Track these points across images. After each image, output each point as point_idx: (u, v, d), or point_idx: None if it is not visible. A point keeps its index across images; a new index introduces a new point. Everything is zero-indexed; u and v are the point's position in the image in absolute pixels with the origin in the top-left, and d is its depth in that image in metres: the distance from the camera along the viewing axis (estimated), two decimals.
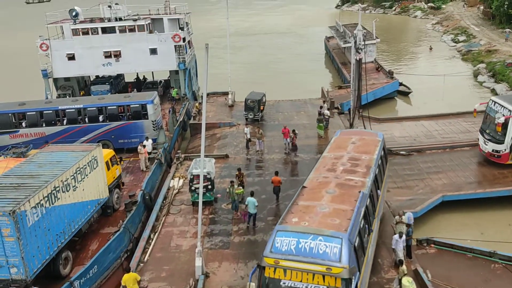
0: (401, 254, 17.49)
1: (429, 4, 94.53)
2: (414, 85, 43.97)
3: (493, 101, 25.74)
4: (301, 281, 12.61)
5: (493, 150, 25.07)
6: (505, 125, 24.21)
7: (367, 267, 15.14)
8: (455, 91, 42.22)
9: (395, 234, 18.32)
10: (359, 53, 28.70)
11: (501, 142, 24.57)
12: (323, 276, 12.41)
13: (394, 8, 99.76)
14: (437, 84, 43.41)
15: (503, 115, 24.27)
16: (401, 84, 43.32)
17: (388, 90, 41.44)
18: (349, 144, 19.91)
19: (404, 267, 16.24)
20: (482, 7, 75.67)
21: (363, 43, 28.46)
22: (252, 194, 21.32)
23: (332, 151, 19.70)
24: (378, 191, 18.22)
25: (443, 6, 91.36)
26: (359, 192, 15.65)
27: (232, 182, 22.20)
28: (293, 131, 29.56)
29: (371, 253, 16.11)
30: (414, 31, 77.54)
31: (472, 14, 76.34)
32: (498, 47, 53.48)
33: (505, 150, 24.58)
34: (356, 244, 13.40)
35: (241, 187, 22.47)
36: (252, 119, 34.94)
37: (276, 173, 23.68)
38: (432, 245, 19.13)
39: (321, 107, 33.57)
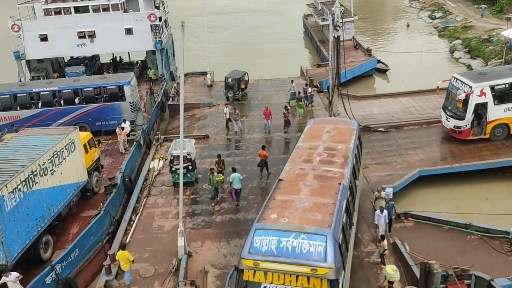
0: (382, 230, 17.80)
1: None
2: (392, 63, 44.20)
3: (455, 78, 26.00)
4: (283, 284, 11.60)
5: (454, 126, 25.41)
6: (465, 101, 24.51)
7: (350, 262, 14.69)
8: (432, 67, 42.62)
9: (375, 209, 18.65)
10: (337, 31, 28.64)
11: (462, 118, 24.90)
12: (308, 278, 11.51)
13: None
14: (414, 61, 43.76)
15: (464, 92, 24.62)
16: (379, 61, 43.50)
17: (366, 68, 41.57)
18: (324, 134, 19.33)
19: (385, 242, 16.59)
20: None
21: (341, 20, 28.39)
22: (234, 170, 21.39)
23: (306, 141, 19.00)
24: (356, 181, 17.94)
25: None
26: (339, 184, 14.95)
27: (212, 169, 21.68)
28: (286, 107, 29.51)
29: (351, 248, 15.49)
30: (392, 8, 77.52)
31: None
32: (474, 23, 53.98)
33: (466, 126, 24.94)
34: (340, 241, 12.66)
35: (221, 174, 22.03)
36: (233, 98, 34.77)
37: (263, 147, 23.84)
38: (410, 219, 19.56)
39: (306, 85, 33.60)
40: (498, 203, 21.84)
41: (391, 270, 14.67)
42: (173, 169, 22.59)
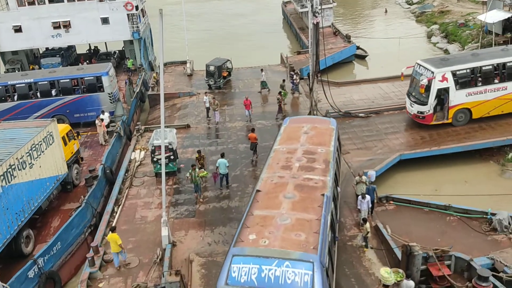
0: (364, 214, 18.00)
1: None
2: (371, 49, 44.46)
3: (418, 64, 26.21)
4: None
5: (418, 112, 25.67)
6: (428, 87, 24.74)
7: (334, 282, 13.68)
8: (410, 53, 42.91)
9: (357, 194, 18.87)
10: (316, 17, 28.61)
11: (425, 103, 25.17)
12: None
13: None
14: (392, 46, 44.08)
15: (427, 77, 24.87)
16: (358, 48, 43.69)
17: (346, 54, 41.72)
18: (302, 135, 18.15)
19: (367, 224, 16.81)
20: None
21: (319, 7, 28.36)
22: (222, 156, 21.63)
23: (283, 143, 17.84)
24: (338, 188, 17.15)
25: None
26: (322, 195, 13.76)
27: (193, 166, 21.04)
28: (280, 92, 29.41)
29: (335, 264, 14.45)
30: None
31: None
32: (451, 8, 54.52)
33: (428, 111, 25.21)
34: (327, 265, 11.54)
35: (204, 170, 21.69)
36: (214, 86, 34.56)
37: (253, 130, 24.21)
38: (391, 202, 19.83)
39: (294, 73, 33.56)
40: (476, 184, 22.27)
41: (386, 273, 13.64)
42: (155, 159, 22.42)
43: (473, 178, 23.03)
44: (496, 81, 25.24)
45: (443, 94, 25.01)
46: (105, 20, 38.30)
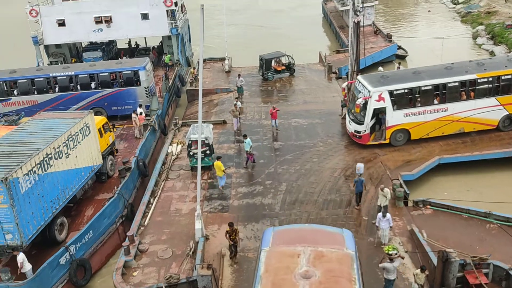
0: (385, 235, 16.88)
1: None
2: (413, 49, 43.19)
3: (358, 80, 24.95)
4: None
5: (355, 131, 24.44)
6: (364, 106, 23.53)
7: None
8: (454, 53, 41.35)
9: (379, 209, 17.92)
10: (357, 16, 28.02)
11: (361, 123, 23.92)
12: None
13: None
14: (435, 46, 42.62)
15: (364, 96, 23.62)
16: (399, 47, 42.58)
17: (386, 54, 40.73)
18: (298, 280, 10.82)
19: (423, 274, 14.25)
20: None
21: (361, 5, 27.75)
22: (245, 136, 23.19)
23: None
24: None
25: None
26: None
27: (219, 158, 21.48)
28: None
29: None
30: None
31: None
32: (498, 9, 52.37)
33: (365, 131, 23.92)
34: None
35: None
36: (263, 77, 35.51)
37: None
38: (428, 206, 19.12)
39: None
40: None
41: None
42: (191, 153, 22.63)
43: None
44: (435, 102, 23.79)
45: (380, 114, 23.76)
46: (145, 16, 38.80)
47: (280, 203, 20.29)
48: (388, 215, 16.82)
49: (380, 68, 33.16)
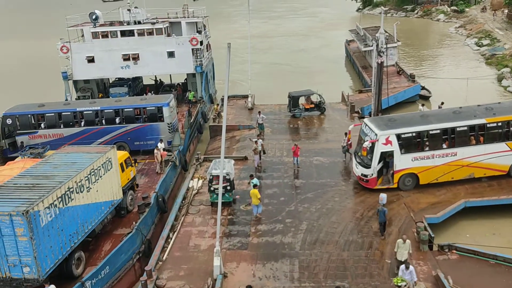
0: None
1: (452, 8, 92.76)
2: (437, 90, 42.92)
3: (365, 123, 24.49)
4: None
5: (362, 174, 23.79)
6: (371, 149, 23.01)
7: None
8: (479, 95, 40.85)
9: (396, 258, 17.24)
10: (381, 56, 28.17)
11: (368, 166, 23.33)
12: None
13: (416, 11, 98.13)
14: (459, 88, 42.25)
15: (370, 139, 23.15)
16: (423, 88, 42.41)
17: (409, 94, 40.60)
18: None
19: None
20: (506, 11, 73.89)
21: (385, 46, 27.91)
22: (252, 177, 23.29)
23: None
24: None
25: (467, 9, 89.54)
26: None
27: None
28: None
29: None
30: (437, 35, 76.09)
31: (496, 17, 74.50)
32: None
33: (372, 174, 23.29)
34: None
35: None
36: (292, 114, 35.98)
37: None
38: (454, 251, 18.44)
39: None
40: None
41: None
42: (212, 188, 22.61)
43: None
44: (444, 146, 23.22)
45: (388, 158, 23.22)
46: (171, 54, 39.78)
47: (301, 243, 19.88)
48: (411, 267, 16.17)
49: (420, 107, 32.65)
